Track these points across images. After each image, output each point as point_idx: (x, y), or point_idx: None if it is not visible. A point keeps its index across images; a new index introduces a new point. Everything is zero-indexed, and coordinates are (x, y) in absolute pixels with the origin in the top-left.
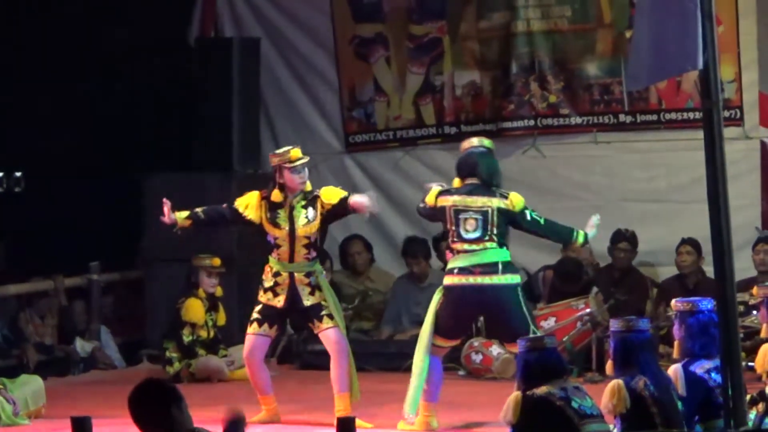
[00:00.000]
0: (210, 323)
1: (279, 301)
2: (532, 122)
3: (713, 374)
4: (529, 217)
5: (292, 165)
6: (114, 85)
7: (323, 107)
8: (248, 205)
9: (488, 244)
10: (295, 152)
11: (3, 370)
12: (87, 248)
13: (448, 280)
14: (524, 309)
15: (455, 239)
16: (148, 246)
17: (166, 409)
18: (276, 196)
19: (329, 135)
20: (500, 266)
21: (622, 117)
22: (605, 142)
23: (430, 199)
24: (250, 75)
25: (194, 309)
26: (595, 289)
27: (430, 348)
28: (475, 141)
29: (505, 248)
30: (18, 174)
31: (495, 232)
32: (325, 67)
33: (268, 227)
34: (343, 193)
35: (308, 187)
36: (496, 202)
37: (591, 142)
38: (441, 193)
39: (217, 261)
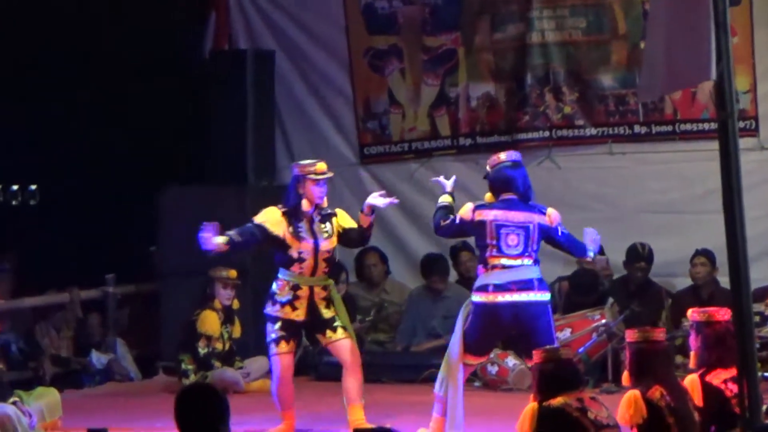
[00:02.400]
0: (226, 335)
1: (299, 315)
2: (547, 133)
3: (729, 384)
4: (560, 233)
5: (316, 177)
6: (128, 98)
7: (338, 119)
8: (271, 220)
9: (526, 261)
10: (321, 166)
11: (19, 383)
12: (102, 261)
13: (481, 298)
14: (551, 325)
15: (495, 253)
16: (163, 258)
17: (215, 420)
18: (305, 205)
19: (344, 147)
20: (535, 283)
21: (637, 128)
22: (620, 153)
23: (465, 213)
24: (264, 87)
25: (210, 321)
26: (610, 300)
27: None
28: (504, 156)
29: (537, 265)
30: (33, 187)
31: (534, 248)
32: (339, 79)
33: (292, 242)
34: (352, 223)
35: (325, 203)
36: (537, 218)
37: (606, 154)
38: (478, 207)
39: (233, 273)
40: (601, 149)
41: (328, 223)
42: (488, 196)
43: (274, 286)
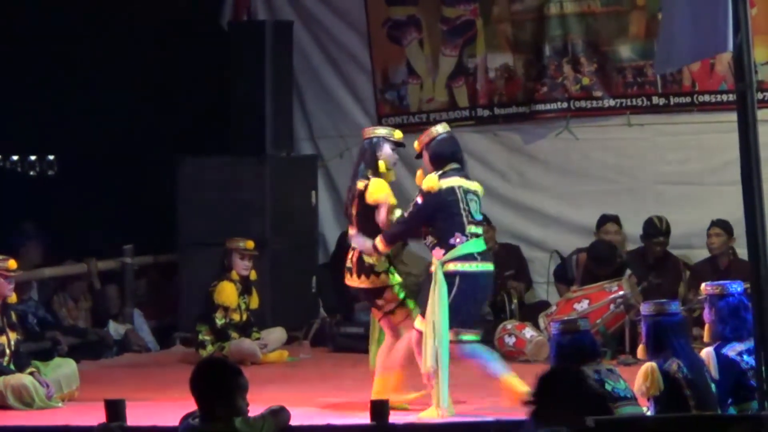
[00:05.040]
0: (243, 306)
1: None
2: (565, 105)
3: (745, 356)
4: None
5: (395, 140)
6: (147, 69)
7: (356, 90)
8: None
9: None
10: (399, 134)
11: (36, 354)
12: (120, 232)
13: (470, 267)
14: None
15: (470, 220)
16: (181, 229)
17: (231, 393)
18: (382, 167)
19: (362, 117)
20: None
21: (655, 99)
22: (638, 125)
23: (431, 185)
24: (282, 58)
25: (227, 292)
26: (628, 272)
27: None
28: (440, 128)
29: None
30: (51, 158)
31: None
32: (357, 49)
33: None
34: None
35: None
36: (479, 186)
37: (624, 125)
38: (441, 176)
39: (250, 244)
40: (619, 120)
41: None
42: (420, 175)
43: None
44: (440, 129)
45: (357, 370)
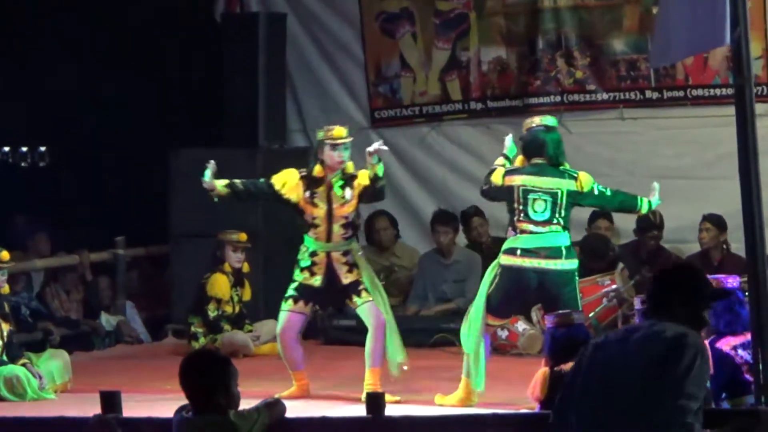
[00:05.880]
0: (235, 298)
1: (317, 281)
2: (558, 98)
3: (739, 351)
4: (597, 192)
5: (333, 142)
6: (140, 60)
7: (349, 83)
8: (286, 183)
9: (554, 227)
10: (339, 131)
11: (29, 345)
12: (113, 223)
13: (508, 260)
14: (577, 293)
15: (522, 218)
16: (174, 221)
17: (220, 384)
18: (317, 171)
19: (355, 110)
20: (564, 251)
21: (648, 93)
22: (632, 119)
23: (497, 179)
24: (275, 51)
25: (220, 284)
26: (620, 266)
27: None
28: (538, 120)
29: (567, 232)
30: (43, 149)
31: (563, 215)
32: (351, 42)
33: (305, 206)
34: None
35: (350, 168)
36: (566, 184)
37: (617, 119)
38: (508, 172)
39: (243, 236)
40: (612, 114)
41: (348, 188)
42: (520, 160)
43: (300, 250)
44: (538, 120)
45: (349, 363)
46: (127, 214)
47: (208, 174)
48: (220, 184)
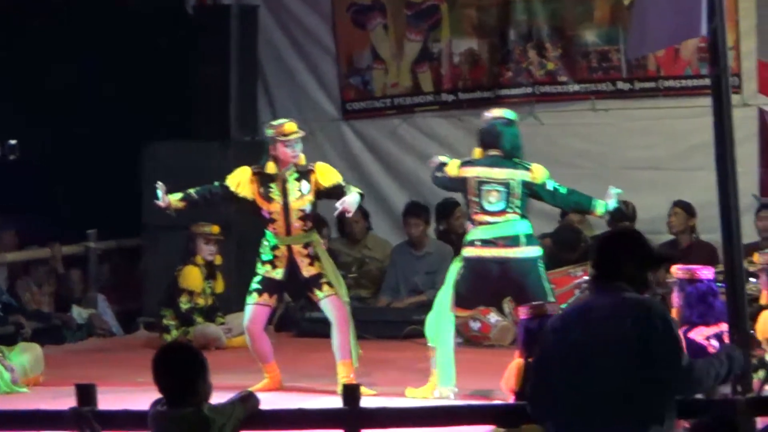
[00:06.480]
0: (208, 291)
1: (278, 274)
2: (530, 90)
3: (713, 341)
4: (551, 188)
5: (285, 139)
6: (112, 53)
7: (320, 75)
8: (240, 182)
9: (510, 216)
10: (290, 126)
11: (0, 338)
12: (84, 216)
13: (469, 252)
14: (543, 281)
15: (477, 210)
16: (146, 214)
17: (193, 376)
18: (270, 168)
19: (326, 102)
20: (522, 238)
21: (620, 84)
22: (603, 110)
23: (451, 170)
24: (247, 43)
25: (192, 276)
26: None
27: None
28: (497, 112)
29: (526, 220)
30: (13, 142)
31: (517, 204)
32: (322, 34)
33: (261, 202)
34: (339, 179)
35: (302, 161)
36: (519, 175)
37: (589, 110)
38: (463, 164)
39: (215, 228)
40: (584, 105)
41: (304, 181)
42: (477, 151)
43: (261, 243)
44: (497, 113)
45: (322, 355)
46: (98, 207)
47: (159, 194)
48: (175, 198)
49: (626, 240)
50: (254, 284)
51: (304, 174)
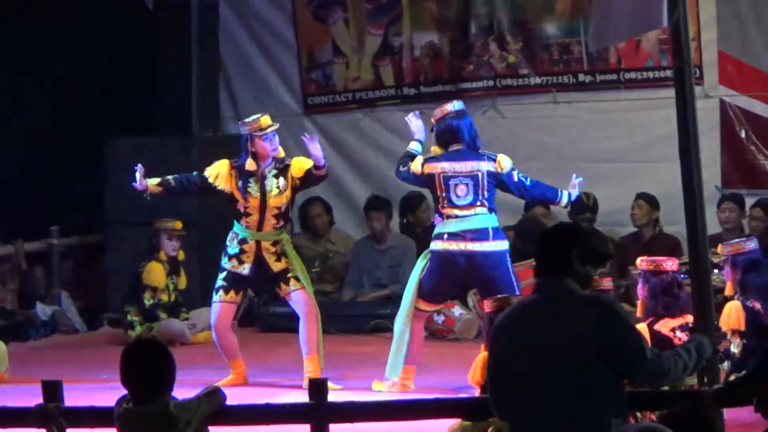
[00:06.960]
0: (171, 287)
1: (245, 269)
2: (491, 83)
3: (678, 333)
4: (516, 179)
5: (263, 133)
6: (72, 48)
7: (282, 69)
8: (218, 174)
9: (479, 210)
10: (265, 120)
11: None
12: (47, 212)
13: (436, 245)
14: (511, 274)
15: (446, 205)
16: (108, 210)
17: (162, 372)
18: (250, 164)
19: (288, 97)
20: (490, 232)
21: (581, 77)
22: (565, 102)
23: (415, 167)
24: (208, 38)
25: (155, 272)
26: None
27: (414, 312)
28: (448, 107)
29: (494, 213)
30: None
31: (486, 196)
32: (283, 29)
33: (238, 196)
34: (309, 164)
35: (281, 153)
36: (485, 166)
37: (550, 102)
38: (427, 161)
39: (178, 224)
40: (545, 98)
41: (282, 178)
42: (435, 149)
43: (228, 236)
44: (448, 108)
45: (287, 350)
46: (61, 203)
47: (138, 177)
48: (152, 183)
49: (570, 235)
50: (219, 281)
51: (283, 170)
